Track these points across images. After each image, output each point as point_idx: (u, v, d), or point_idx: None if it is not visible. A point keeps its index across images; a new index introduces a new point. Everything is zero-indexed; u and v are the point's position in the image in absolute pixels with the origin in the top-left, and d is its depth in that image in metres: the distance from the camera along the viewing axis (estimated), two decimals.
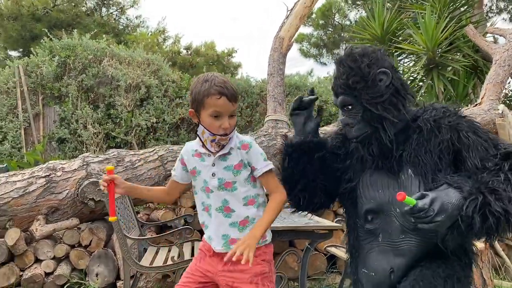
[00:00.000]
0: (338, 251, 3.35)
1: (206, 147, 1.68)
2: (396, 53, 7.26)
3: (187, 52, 14.87)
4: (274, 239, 1.78)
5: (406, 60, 7.69)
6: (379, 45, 7.14)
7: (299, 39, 17.32)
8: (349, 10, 16.87)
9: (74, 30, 7.91)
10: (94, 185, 3.62)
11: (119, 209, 3.17)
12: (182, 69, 11.91)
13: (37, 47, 7.34)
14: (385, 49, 1.77)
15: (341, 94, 1.66)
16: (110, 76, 6.80)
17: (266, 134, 4.54)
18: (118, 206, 3.14)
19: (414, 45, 6.84)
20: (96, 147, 6.52)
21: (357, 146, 1.71)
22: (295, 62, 26.00)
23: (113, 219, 1.75)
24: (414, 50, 6.84)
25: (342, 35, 16.74)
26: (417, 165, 1.59)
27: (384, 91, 1.61)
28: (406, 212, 1.39)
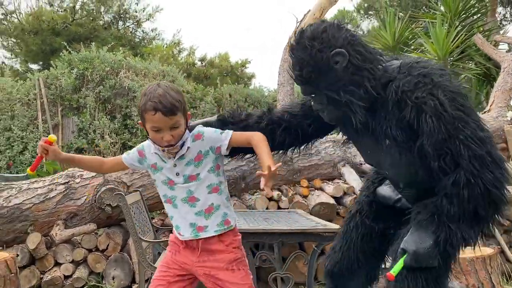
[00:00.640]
0: None
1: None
2: None
3: (202, 63, 15.07)
4: (283, 242, 1.81)
5: None
6: (391, 54, 7.20)
7: None
8: (361, 20, 16.99)
9: (92, 43, 8.18)
10: (111, 191, 3.76)
11: (135, 213, 3.27)
12: (197, 80, 12.07)
13: (56, 60, 7.58)
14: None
15: (301, 84, 1.61)
16: (126, 87, 7.00)
17: None
18: (133, 211, 3.24)
19: (426, 54, 6.89)
20: (113, 157, 6.68)
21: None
22: None
23: (30, 173, 1.77)
24: None
25: None
26: (390, 137, 1.55)
27: (342, 74, 1.50)
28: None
